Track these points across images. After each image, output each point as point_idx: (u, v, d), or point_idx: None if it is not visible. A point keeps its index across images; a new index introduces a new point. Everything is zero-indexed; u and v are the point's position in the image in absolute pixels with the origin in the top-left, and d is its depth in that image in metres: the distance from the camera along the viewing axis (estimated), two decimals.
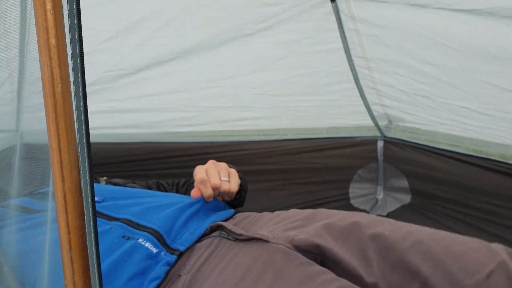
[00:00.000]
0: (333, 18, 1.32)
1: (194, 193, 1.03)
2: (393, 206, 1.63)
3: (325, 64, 1.44)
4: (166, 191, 1.39)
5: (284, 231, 0.92)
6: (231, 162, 1.73)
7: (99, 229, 0.93)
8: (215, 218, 1.03)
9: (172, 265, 0.89)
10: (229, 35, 1.38)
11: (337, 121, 1.67)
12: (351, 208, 1.64)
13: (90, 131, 0.48)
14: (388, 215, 1.60)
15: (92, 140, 0.49)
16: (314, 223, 0.93)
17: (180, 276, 0.89)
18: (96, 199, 1.06)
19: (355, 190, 1.68)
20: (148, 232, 0.93)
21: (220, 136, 1.76)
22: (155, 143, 1.75)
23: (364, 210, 1.63)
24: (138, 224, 0.96)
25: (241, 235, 0.90)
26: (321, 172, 1.72)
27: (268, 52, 1.41)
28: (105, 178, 1.40)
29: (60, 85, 0.46)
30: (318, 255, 0.87)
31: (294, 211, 1.07)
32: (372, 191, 1.68)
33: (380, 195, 1.66)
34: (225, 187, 1.05)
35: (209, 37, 1.37)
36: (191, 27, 1.35)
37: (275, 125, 1.73)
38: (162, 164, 1.73)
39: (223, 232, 0.95)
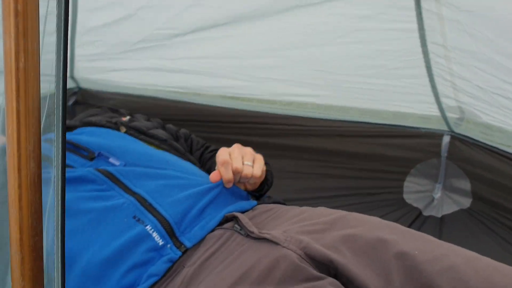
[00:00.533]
0: None
1: (214, 176, 0.98)
2: (449, 208, 1.48)
3: (395, 45, 1.28)
4: (191, 149, 1.32)
5: (300, 234, 0.83)
6: (278, 136, 1.67)
7: (113, 200, 0.89)
8: (232, 208, 0.96)
9: (174, 262, 0.85)
10: (293, 2, 1.25)
11: (401, 109, 1.51)
12: (402, 203, 1.51)
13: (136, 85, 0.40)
14: (442, 218, 1.45)
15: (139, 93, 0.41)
16: (336, 231, 0.84)
17: (183, 267, 0.84)
18: (117, 163, 1.04)
19: (410, 184, 1.54)
20: (158, 219, 0.88)
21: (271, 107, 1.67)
22: (204, 105, 1.70)
23: (416, 209, 1.49)
24: (150, 205, 0.91)
25: (252, 232, 0.84)
26: (376, 160, 1.59)
27: (332, 25, 1.28)
28: (127, 118, 1.33)
29: (23, 60, 0.38)
30: (332, 268, 0.78)
31: (321, 211, 0.97)
32: (429, 188, 1.53)
33: (437, 194, 1.51)
34: (248, 171, 0.99)
35: (269, 2, 1.25)
36: None
37: (332, 104, 1.61)
38: (208, 128, 1.68)
39: (236, 225, 0.89)
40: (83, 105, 2.17)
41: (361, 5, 1.22)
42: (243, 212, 0.99)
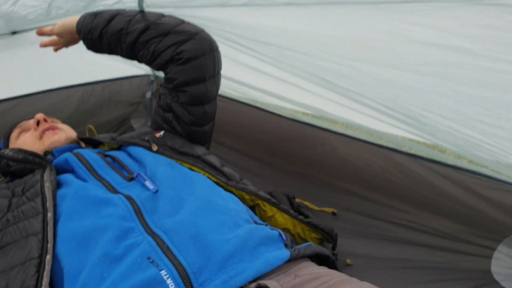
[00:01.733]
0: None
1: None
2: None
3: None
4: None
5: None
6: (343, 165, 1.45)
7: (134, 239, 0.88)
8: (264, 260, 0.87)
9: None
10: None
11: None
12: (487, 279, 1.18)
13: None
14: None
15: None
16: None
17: None
18: (151, 187, 1.03)
19: (502, 257, 1.22)
20: (174, 264, 0.82)
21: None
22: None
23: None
24: (168, 248, 0.86)
25: None
26: (462, 216, 1.30)
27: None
28: (161, 133, 1.33)
29: None
30: None
31: None
32: None
33: None
34: None
35: None
36: None
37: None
38: None
39: None
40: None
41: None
42: (280, 265, 0.88)
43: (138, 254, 0.83)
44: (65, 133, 1.38)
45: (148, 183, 1.03)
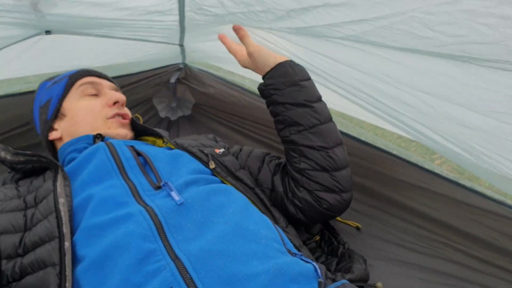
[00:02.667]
0: None
1: None
2: None
3: None
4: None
5: None
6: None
7: (154, 265, 0.81)
8: None
9: None
10: None
11: None
12: None
13: None
14: None
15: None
16: None
17: None
18: (176, 198, 0.95)
19: None
20: None
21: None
22: None
23: None
24: (191, 280, 0.78)
25: None
26: (495, 253, 1.28)
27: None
28: (221, 151, 1.27)
29: None
30: None
31: None
32: None
33: None
34: None
35: None
36: None
37: None
38: None
39: None
40: (184, 86, 2.08)
41: None
42: None
43: (159, 284, 0.78)
44: (130, 129, 1.32)
45: (174, 194, 0.96)
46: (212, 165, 1.15)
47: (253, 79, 1.81)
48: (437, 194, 1.40)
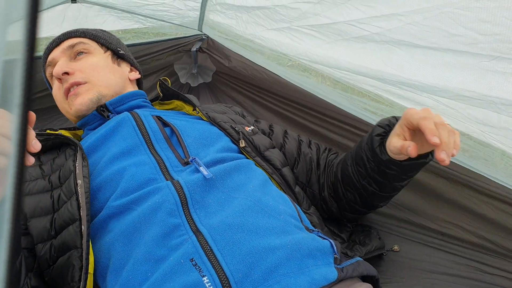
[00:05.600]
0: None
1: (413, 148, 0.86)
2: None
3: None
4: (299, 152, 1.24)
5: None
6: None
7: (177, 239, 0.84)
8: (310, 278, 0.83)
9: None
10: None
11: None
12: None
13: None
14: None
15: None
16: None
17: None
18: (205, 173, 0.98)
19: None
20: (217, 271, 0.78)
21: None
22: None
23: None
24: (211, 251, 0.83)
25: None
26: (503, 232, 1.32)
27: None
28: (251, 128, 1.27)
29: None
30: None
31: None
32: None
33: None
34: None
35: None
36: None
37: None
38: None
39: None
40: (206, 54, 2.10)
41: None
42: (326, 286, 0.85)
43: (181, 255, 0.83)
44: (93, 89, 1.20)
45: (202, 169, 0.99)
46: (242, 144, 1.16)
47: (271, 48, 1.80)
48: (453, 175, 1.43)
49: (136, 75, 1.37)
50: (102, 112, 1.20)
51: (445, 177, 1.44)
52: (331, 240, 0.98)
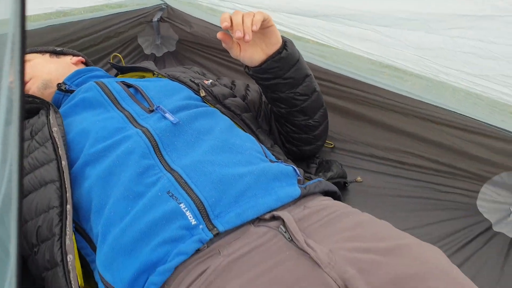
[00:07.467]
0: None
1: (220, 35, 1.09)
2: None
3: None
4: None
5: (347, 261, 0.77)
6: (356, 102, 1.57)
7: (152, 177, 0.90)
8: (275, 200, 0.93)
9: (204, 243, 0.84)
10: None
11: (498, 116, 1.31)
12: (472, 210, 1.36)
13: None
14: None
15: None
16: (389, 267, 0.76)
17: (219, 254, 0.82)
18: (171, 118, 1.06)
19: (489, 192, 1.39)
20: (192, 198, 0.87)
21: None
22: None
23: (487, 221, 1.35)
24: (186, 183, 0.89)
25: (297, 240, 0.81)
26: (458, 156, 1.44)
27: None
28: (210, 81, 1.35)
29: None
30: None
31: (382, 228, 0.90)
32: (508, 201, 1.37)
33: None
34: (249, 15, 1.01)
35: None
36: None
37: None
38: None
39: (281, 226, 0.85)
40: (167, 24, 2.15)
41: None
42: (291, 202, 0.94)
43: (158, 189, 0.91)
44: (37, 80, 1.35)
45: (168, 115, 1.08)
46: (203, 93, 1.25)
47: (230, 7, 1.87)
48: (407, 109, 1.54)
49: (78, 58, 1.50)
50: (64, 89, 1.31)
51: (401, 112, 1.56)
52: (294, 166, 1.08)
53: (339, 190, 1.17)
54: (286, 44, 1.15)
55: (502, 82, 1.10)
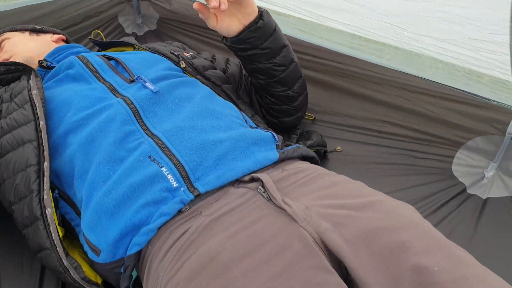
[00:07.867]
0: None
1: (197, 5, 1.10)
2: (498, 192, 1.38)
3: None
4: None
5: (322, 216, 0.80)
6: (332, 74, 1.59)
7: (134, 142, 0.93)
8: (253, 162, 0.96)
9: (186, 204, 0.87)
10: None
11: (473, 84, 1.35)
12: (447, 175, 1.41)
13: None
14: (487, 201, 1.36)
15: None
16: (362, 221, 0.80)
17: (201, 215, 0.84)
18: (151, 87, 1.09)
19: (463, 156, 1.44)
20: (173, 162, 0.89)
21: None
22: None
23: (461, 184, 1.40)
24: (167, 148, 0.92)
25: (275, 198, 0.84)
26: (433, 123, 1.49)
27: None
28: (190, 54, 1.38)
29: None
30: (344, 266, 0.76)
31: (356, 187, 0.93)
32: (481, 165, 1.42)
33: (489, 173, 1.41)
34: None
35: None
36: None
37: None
38: None
39: (260, 187, 0.88)
40: (147, 2, 2.15)
41: None
42: (270, 165, 0.97)
43: (140, 153, 0.94)
44: (18, 58, 1.35)
45: (148, 84, 1.10)
46: (183, 64, 1.28)
47: None
48: (384, 80, 1.58)
49: (59, 36, 1.51)
50: (46, 65, 1.32)
51: (378, 83, 1.59)
52: (273, 133, 1.11)
53: (320, 160, 1.21)
54: (262, 14, 1.17)
55: (469, 46, 1.14)
